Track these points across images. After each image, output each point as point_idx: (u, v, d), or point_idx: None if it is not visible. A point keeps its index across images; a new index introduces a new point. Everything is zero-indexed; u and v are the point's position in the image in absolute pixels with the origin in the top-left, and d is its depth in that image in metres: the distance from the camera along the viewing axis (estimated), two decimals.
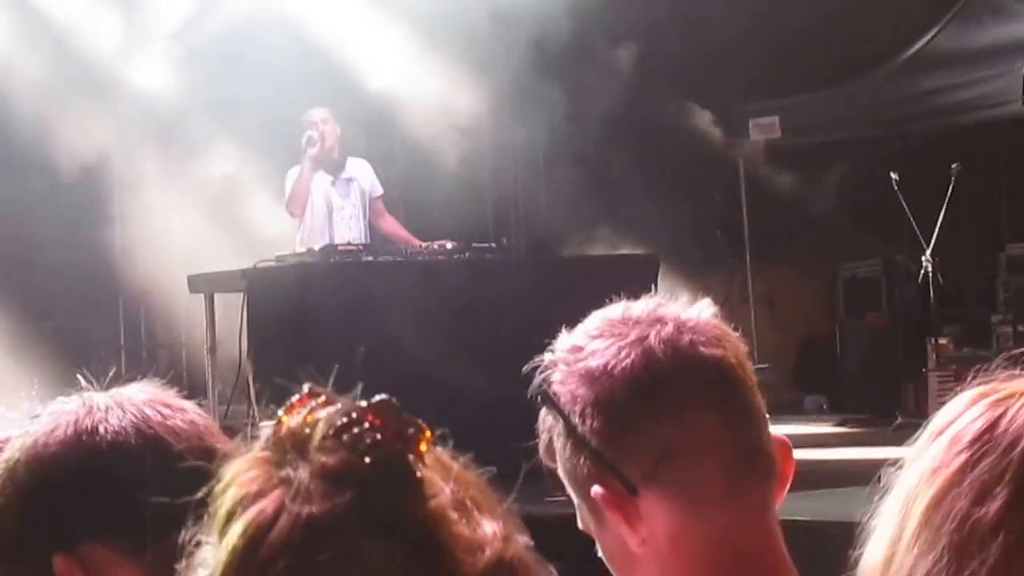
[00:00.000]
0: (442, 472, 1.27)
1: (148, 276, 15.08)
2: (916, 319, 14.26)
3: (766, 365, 12.89)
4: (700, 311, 2.00)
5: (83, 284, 14.72)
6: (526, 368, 1.98)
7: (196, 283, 11.95)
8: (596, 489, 1.91)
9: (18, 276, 14.03)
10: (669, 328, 1.95)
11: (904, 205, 12.58)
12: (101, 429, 1.93)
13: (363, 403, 1.27)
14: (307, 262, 11.01)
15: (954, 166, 12.75)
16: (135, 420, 1.94)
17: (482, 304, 10.73)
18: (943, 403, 1.70)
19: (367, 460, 1.23)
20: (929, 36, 14.91)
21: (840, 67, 15.03)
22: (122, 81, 14.22)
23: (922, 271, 12.82)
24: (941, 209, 12.58)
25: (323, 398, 1.28)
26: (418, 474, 1.24)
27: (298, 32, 14.04)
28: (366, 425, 1.25)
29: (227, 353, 11.58)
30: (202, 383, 11.94)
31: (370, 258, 11.18)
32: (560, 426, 1.95)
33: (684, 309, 2.01)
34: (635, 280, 11.69)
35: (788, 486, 2.00)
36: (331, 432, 1.25)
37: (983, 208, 15.31)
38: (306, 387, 1.29)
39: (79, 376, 2.03)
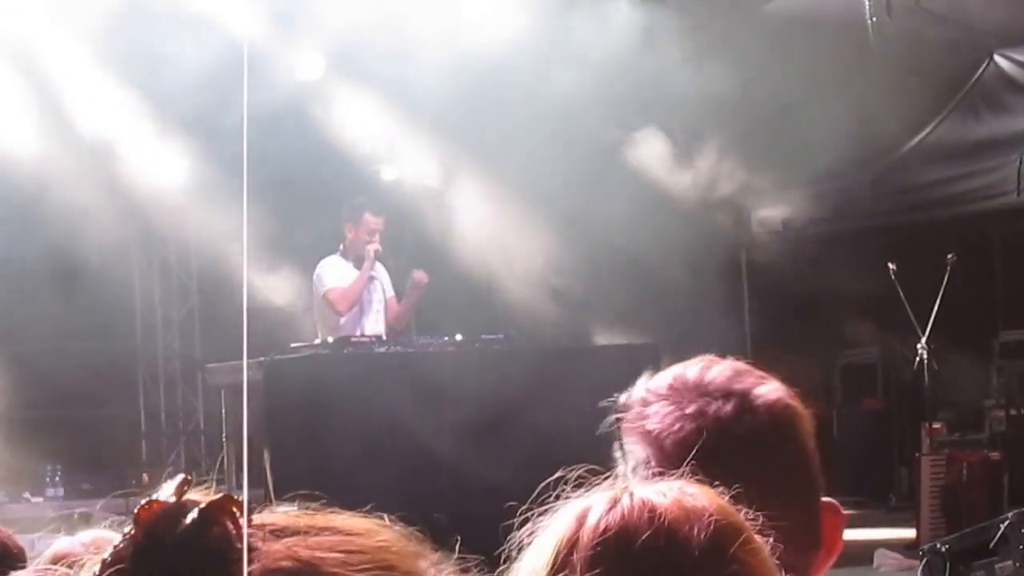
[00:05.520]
0: None
1: (167, 363, 15.30)
2: (911, 404, 14.50)
3: None
4: (770, 390, 1.95)
5: (103, 371, 14.78)
6: (604, 402, 1.96)
7: (214, 373, 12.15)
8: None
9: (38, 363, 14.06)
10: (729, 408, 1.91)
11: (901, 294, 12.71)
12: None
13: None
14: (321, 354, 11.26)
15: (950, 256, 12.91)
16: None
17: (491, 393, 10.89)
18: (936, 486, 1.83)
19: None
20: (928, 129, 15.17)
21: (841, 160, 15.05)
22: (142, 168, 14.32)
23: (917, 358, 12.92)
24: (937, 298, 12.72)
25: None
26: None
27: (312, 123, 14.26)
28: None
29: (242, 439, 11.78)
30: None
31: (382, 349, 11.41)
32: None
33: (758, 383, 1.95)
34: (636, 369, 11.85)
35: (834, 556, 1.94)
36: None
37: (978, 296, 15.42)
38: None
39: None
